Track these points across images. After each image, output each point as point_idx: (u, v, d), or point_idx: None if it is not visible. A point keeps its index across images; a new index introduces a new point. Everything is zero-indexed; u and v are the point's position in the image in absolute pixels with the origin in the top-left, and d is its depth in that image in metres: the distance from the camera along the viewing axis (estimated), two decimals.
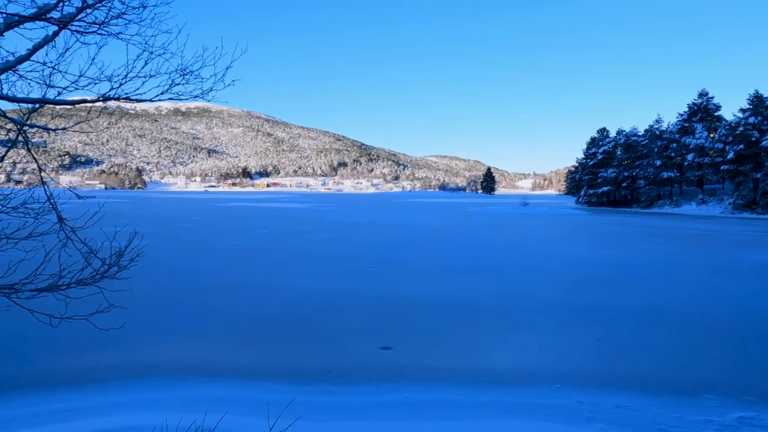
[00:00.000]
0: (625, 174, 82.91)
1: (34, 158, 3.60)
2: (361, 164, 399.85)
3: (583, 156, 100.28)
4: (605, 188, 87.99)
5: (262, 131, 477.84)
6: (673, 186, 78.61)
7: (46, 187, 3.56)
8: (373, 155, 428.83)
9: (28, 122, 3.51)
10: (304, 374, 7.30)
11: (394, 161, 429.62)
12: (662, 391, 6.85)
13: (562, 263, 18.69)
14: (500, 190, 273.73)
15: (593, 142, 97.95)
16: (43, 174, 3.60)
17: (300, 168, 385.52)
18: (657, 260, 19.94)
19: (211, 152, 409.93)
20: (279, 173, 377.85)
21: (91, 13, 3.41)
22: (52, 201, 3.46)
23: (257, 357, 8.06)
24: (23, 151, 3.98)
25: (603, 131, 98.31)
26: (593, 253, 22.11)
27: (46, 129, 3.60)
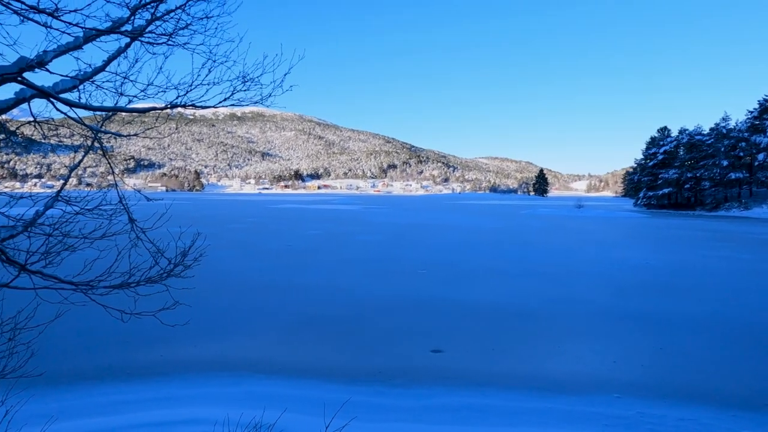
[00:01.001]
0: (688, 175, 78.77)
1: (109, 163, 3.83)
2: (410, 166, 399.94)
3: (642, 156, 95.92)
4: (666, 190, 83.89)
5: (314, 134, 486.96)
6: (741, 188, 73.94)
7: (118, 190, 3.78)
8: (422, 157, 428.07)
9: (103, 129, 3.73)
10: (356, 374, 7.38)
11: (443, 163, 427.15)
12: (730, 405, 6.46)
13: (619, 267, 17.99)
14: (553, 192, 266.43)
15: (653, 142, 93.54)
16: (116, 178, 3.82)
17: (350, 170, 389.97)
18: (725, 266, 18.83)
19: (264, 155, 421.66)
20: (329, 175, 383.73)
21: (160, 26, 3.59)
22: (124, 203, 3.67)
23: (310, 356, 8.22)
24: (92, 155, 4.25)
25: (664, 130, 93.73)
26: (653, 257, 21.13)
27: (118, 135, 3.82)
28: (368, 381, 7.14)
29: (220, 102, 3.76)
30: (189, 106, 3.65)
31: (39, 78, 3.36)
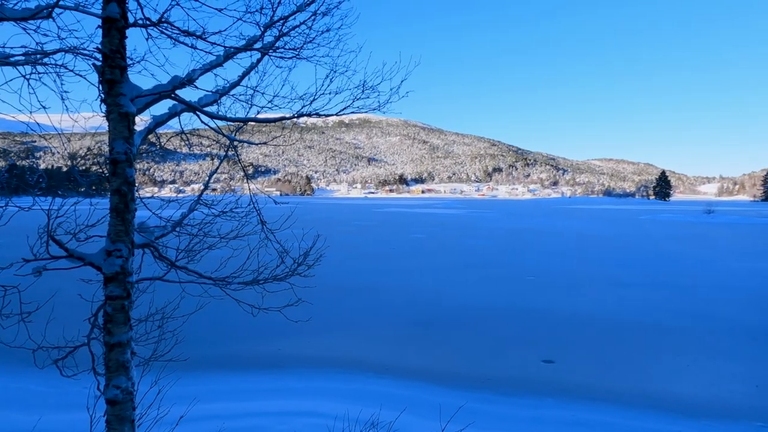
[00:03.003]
0: None
1: (243, 169, 4.17)
2: (516, 169, 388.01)
3: None
4: None
5: (418, 139, 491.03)
6: None
7: (251, 194, 4.10)
8: (529, 160, 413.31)
9: (237, 138, 4.07)
10: (462, 379, 7.31)
11: (552, 165, 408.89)
12: None
13: (761, 281, 15.95)
14: (677, 196, 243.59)
15: None
16: (249, 183, 4.15)
17: (454, 174, 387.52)
18: None
19: (370, 160, 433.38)
20: (433, 179, 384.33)
21: (289, 42, 3.84)
22: (256, 207, 3.98)
23: (418, 359, 8.28)
24: (214, 162, 4.66)
25: None
26: None
27: (250, 143, 4.15)
28: (476, 387, 7.04)
29: (341, 110, 3.94)
30: (314, 114, 3.87)
31: (184, 94, 3.76)
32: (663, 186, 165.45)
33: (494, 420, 5.94)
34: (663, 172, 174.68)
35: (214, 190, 4.34)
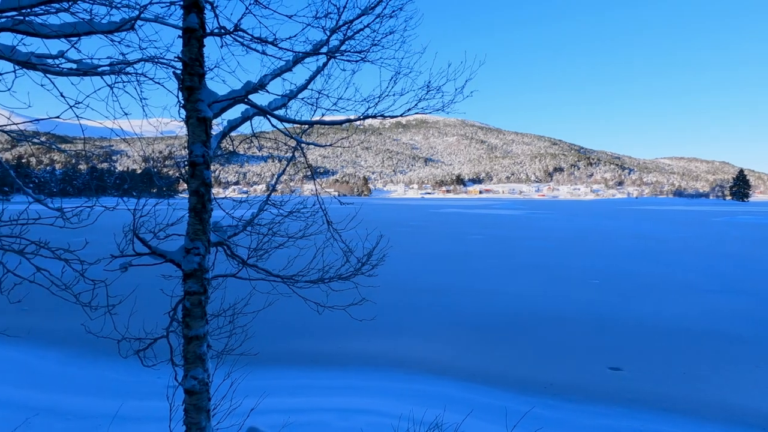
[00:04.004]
0: None
1: (310, 169, 4.28)
2: (579, 169, 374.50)
3: None
4: None
5: (476, 139, 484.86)
6: None
7: (318, 195, 4.20)
8: (592, 159, 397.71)
9: (305, 140, 4.19)
10: (526, 384, 7.14)
11: (617, 165, 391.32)
12: None
13: None
14: (756, 197, 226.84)
15: None
16: (316, 184, 4.25)
17: (513, 174, 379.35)
18: None
19: (427, 161, 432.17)
20: (491, 180, 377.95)
21: (355, 45, 3.92)
22: (323, 207, 4.07)
23: (480, 361, 8.17)
24: (275, 163, 4.80)
25: None
26: None
27: (317, 145, 4.25)
28: (541, 392, 6.86)
29: (406, 111, 3.97)
30: (379, 116, 3.92)
31: (256, 98, 3.91)
32: (741, 186, 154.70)
33: (561, 427, 5.76)
34: (741, 171, 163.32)
35: (275, 191, 4.49)
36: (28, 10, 3.44)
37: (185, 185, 3.32)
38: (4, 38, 3.66)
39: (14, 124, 3.75)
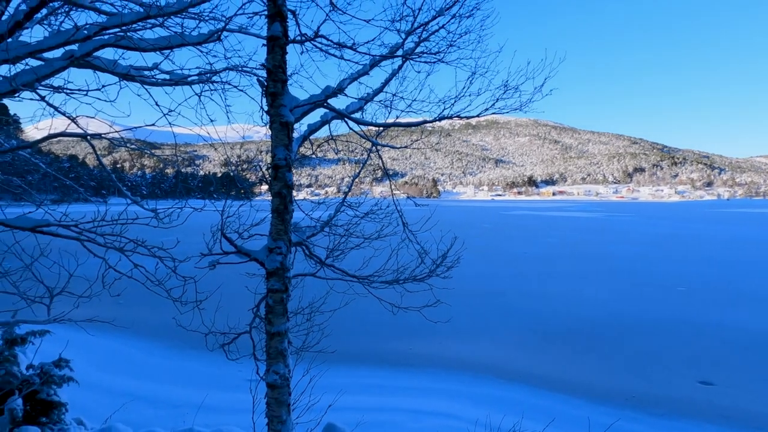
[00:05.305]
0: None
1: (385, 171, 4.33)
2: (662, 169, 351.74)
3: None
4: None
5: (549, 139, 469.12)
6: None
7: (393, 197, 4.24)
8: (677, 158, 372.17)
9: (381, 143, 4.24)
10: (608, 395, 6.82)
11: (705, 164, 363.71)
12: None
13: None
14: None
15: None
16: (391, 186, 4.29)
17: (589, 175, 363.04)
18: None
19: (498, 162, 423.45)
20: (565, 181, 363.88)
21: (431, 47, 3.92)
22: (398, 209, 4.10)
23: (557, 368, 7.89)
24: (346, 166, 4.86)
25: None
26: None
27: (392, 147, 4.29)
28: (625, 404, 6.52)
29: (483, 111, 3.91)
30: (455, 117, 3.89)
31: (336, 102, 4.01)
32: None
33: None
34: None
35: (345, 193, 4.58)
36: (129, 26, 3.74)
37: (264, 188, 3.46)
38: (107, 53, 4.00)
39: (116, 131, 4.09)
